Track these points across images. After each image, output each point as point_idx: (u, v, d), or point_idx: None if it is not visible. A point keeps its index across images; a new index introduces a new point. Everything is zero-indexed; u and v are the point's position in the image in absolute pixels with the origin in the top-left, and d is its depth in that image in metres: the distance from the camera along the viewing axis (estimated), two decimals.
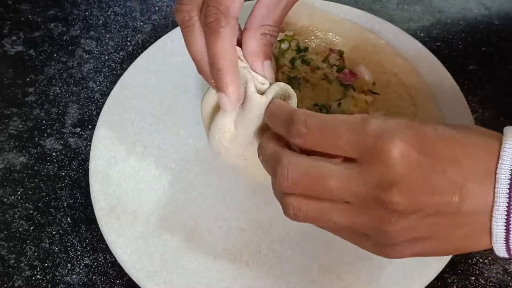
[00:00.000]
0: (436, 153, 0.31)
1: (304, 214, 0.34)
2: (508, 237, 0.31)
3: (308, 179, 0.33)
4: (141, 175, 0.49)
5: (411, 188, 0.31)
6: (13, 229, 0.49)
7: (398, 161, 0.31)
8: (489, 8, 0.62)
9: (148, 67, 0.55)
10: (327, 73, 0.49)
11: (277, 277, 0.44)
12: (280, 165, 0.34)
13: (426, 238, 0.33)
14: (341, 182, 0.32)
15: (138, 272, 0.44)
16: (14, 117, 0.55)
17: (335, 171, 0.32)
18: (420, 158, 0.31)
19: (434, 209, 0.31)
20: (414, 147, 0.31)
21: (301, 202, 0.34)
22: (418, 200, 0.31)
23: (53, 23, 0.62)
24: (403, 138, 0.31)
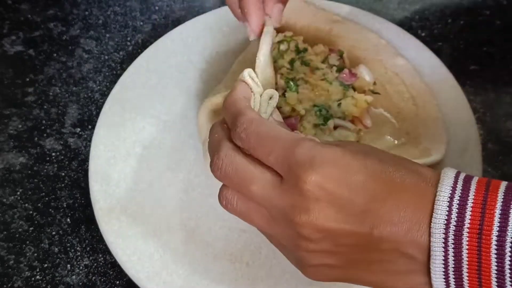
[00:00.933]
0: (357, 187, 0.31)
1: (233, 208, 0.36)
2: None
3: (236, 178, 0.34)
4: (141, 175, 0.49)
5: (321, 217, 0.31)
6: (12, 229, 0.49)
7: (312, 193, 0.31)
8: (490, 8, 0.62)
9: (148, 67, 0.55)
10: (326, 74, 0.49)
11: (278, 278, 0.44)
12: (218, 154, 0.35)
13: (344, 267, 0.33)
14: (262, 191, 0.34)
15: (138, 273, 0.44)
16: (14, 117, 0.55)
17: (260, 179, 0.34)
18: (336, 192, 0.31)
19: (347, 237, 0.32)
20: (333, 182, 0.31)
21: (233, 196, 0.35)
22: (325, 228, 0.32)
23: (52, 23, 0.61)
24: (323, 173, 0.31)
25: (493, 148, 0.53)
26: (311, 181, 0.31)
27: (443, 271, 0.30)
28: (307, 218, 0.32)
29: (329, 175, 0.31)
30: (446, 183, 0.31)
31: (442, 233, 0.30)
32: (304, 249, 0.33)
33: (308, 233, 0.32)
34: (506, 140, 0.53)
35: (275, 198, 0.33)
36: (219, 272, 0.44)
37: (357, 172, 0.32)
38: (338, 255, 0.33)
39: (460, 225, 0.30)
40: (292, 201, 0.32)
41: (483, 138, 0.53)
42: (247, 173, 0.34)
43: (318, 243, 0.32)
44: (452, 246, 0.30)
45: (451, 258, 0.30)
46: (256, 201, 0.34)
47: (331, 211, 0.31)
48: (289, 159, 0.32)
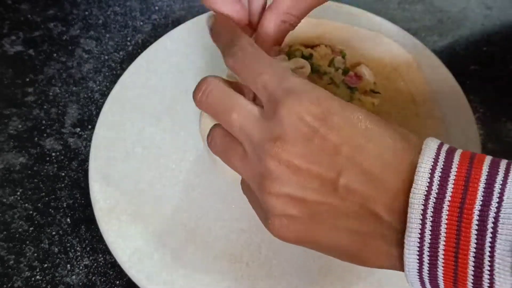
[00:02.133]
0: (334, 129, 0.31)
1: (215, 145, 0.36)
2: (422, 269, 0.29)
3: (220, 105, 0.35)
4: (141, 175, 0.49)
5: (292, 150, 0.31)
6: (12, 229, 0.49)
7: (289, 122, 0.31)
8: (490, 8, 0.62)
9: (148, 67, 0.55)
10: (333, 77, 0.49)
11: (278, 278, 0.44)
12: (204, 79, 0.36)
13: (308, 219, 0.32)
14: (242, 120, 0.33)
15: (138, 273, 0.44)
16: (14, 117, 0.55)
17: (242, 108, 0.34)
18: (313, 126, 0.31)
19: (314, 182, 0.31)
20: (313, 116, 0.31)
21: (216, 133, 0.36)
22: (294, 163, 0.31)
23: (52, 23, 0.61)
24: (305, 104, 0.31)
25: (493, 148, 0.53)
26: (291, 111, 0.31)
27: (418, 245, 0.28)
28: (278, 148, 0.31)
29: (309, 109, 0.31)
30: (428, 153, 0.29)
31: (421, 205, 0.28)
32: (268, 190, 0.32)
33: (275, 166, 0.31)
34: (506, 140, 0.53)
35: (252, 128, 0.33)
36: (219, 272, 0.44)
37: (337, 113, 0.31)
38: (302, 203, 0.31)
39: (440, 197, 0.28)
40: (269, 130, 0.32)
41: (483, 138, 0.53)
42: (231, 101, 0.34)
43: (282, 183, 0.31)
44: (430, 219, 0.28)
45: (428, 233, 0.28)
46: (235, 133, 0.34)
47: (302, 146, 0.31)
48: (275, 86, 0.32)
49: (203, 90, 0.35)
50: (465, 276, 0.28)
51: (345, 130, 0.31)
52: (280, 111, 0.31)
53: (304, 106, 0.31)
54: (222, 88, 0.35)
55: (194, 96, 0.36)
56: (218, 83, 0.35)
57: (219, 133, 0.36)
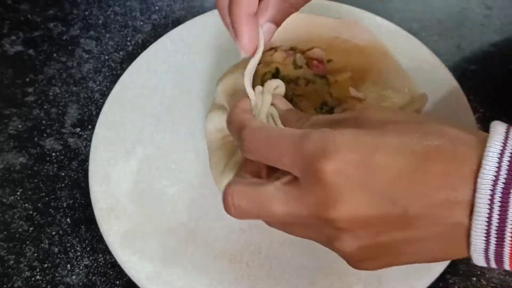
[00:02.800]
0: (380, 167, 0.30)
1: (273, 225, 0.36)
2: (488, 249, 0.29)
3: (254, 208, 0.33)
4: (141, 175, 0.49)
5: (349, 206, 0.30)
6: (12, 229, 0.49)
7: (332, 181, 0.30)
8: (490, 8, 0.62)
9: (148, 67, 0.55)
10: (305, 76, 0.49)
11: (278, 278, 0.44)
12: (225, 194, 0.34)
13: (389, 253, 0.32)
14: (283, 207, 0.32)
15: (138, 273, 0.44)
16: (14, 117, 0.55)
17: (277, 195, 0.32)
18: (358, 174, 0.30)
19: (384, 225, 0.30)
20: (352, 164, 0.30)
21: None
22: (358, 216, 0.30)
23: (52, 23, 0.61)
24: (339, 157, 0.30)
25: None
26: (329, 170, 0.30)
27: (485, 230, 0.28)
28: (335, 211, 0.30)
29: (347, 160, 0.30)
30: (496, 137, 0.29)
31: (489, 190, 0.28)
32: (343, 245, 0.32)
33: (341, 226, 0.30)
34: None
35: (298, 207, 0.32)
36: (219, 272, 0.44)
37: (375, 151, 0.30)
38: (379, 245, 0.31)
39: (509, 182, 0.28)
40: (315, 200, 0.31)
41: None
42: (261, 196, 0.33)
43: (354, 236, 0.31)
44: (498, 204, 0.28)
45: (495, 217, 0.28)
46: (286, 221, 0.33)
47: (358, 198, 0.30)
48: (301, 157, 0.31)
49: (233, 204, 0.34)
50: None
51: (391, 163, 0.30)
52: (318, 177, 0.30)
53: (338, 160, 0.30)
54: (247, 191, 0.33)
55: (229, 213, 0.34)
56: (240, 190, 0.34)
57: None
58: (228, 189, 0.34)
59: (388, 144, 0.30)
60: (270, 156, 0.33)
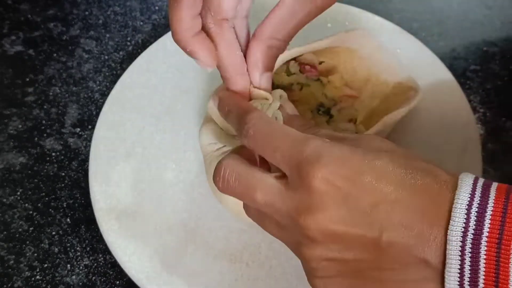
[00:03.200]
0: (366, 188, 0.30)
1: (250, 215, 0.36)
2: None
3: (239, 187, 0.34)
4: (141, 175, 0.49)
5: (327, 217, 0.30)
6: (12, 229, 0.49)
7: (318, 188, 0.30)
8: (490, 8, 0.62)
9: (148, 67, 0.55)
10: (299, 81, 0.49)
11: (278, 278, 0.44)
12: (219, 163, 0.35)
13: (353, 275, 0.32)
14: (266, 197, 0.33)
15: (138, 273, 0.44)
16: (14, 117, 0.55)
17: (264, 185, 0.33)
18: (344, 188, 0.30)
19: (355, 243, 0.31)
20: (341, 179, 0.30)
21: (246, 206, 0.36)
22: (333, 229, 0.30)
23: (52, 23, 0.61)
24: (331, 168, 0.30)
25: (493, 148, 0.53)
26: (318, 177, 0.30)
27: (458, 281, 0.29)
28: (312, 218, 0.31)
29: (337, 172, 0.30)
30: (464, 189, 0.29)
31: (459, 241, 0.28)
32: (310, 256, 0.32)
33: (313, 235, 0.31)
34: (506, 140, 0.53)
35: (280, 202, 0.32)
36: (219, 272, 0.44)
37: (366, 172, 0.30)
38: (345, 264, 0.32)
39: (478, 233, 0.28)
40: (297, 201, 0.31)
41: (483, 138, 0.53)
42: (250, 180, 0.33)
43: (324, 248, 0.31)
44: (469, 256, 0.28)
45: (467, 268, 0.29)
46: (263, 210, 0.34)
47: (338, 211, 0.30)
48: (296, 156, 0.31)
49: (222, 177, 0.34)
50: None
51: (378, 187, 0.30)
52: (307, 180, 0.31)
53: (330, 170, 0.30)
54: (239, 170, 0.34)
55: (215, 184, 0.35)
56: (234, 165, 0.34)
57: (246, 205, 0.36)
58: (223, 160, 0.35)
59: (380, 168, 0.31)
60: (265, 147, 0.33)
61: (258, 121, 0.34)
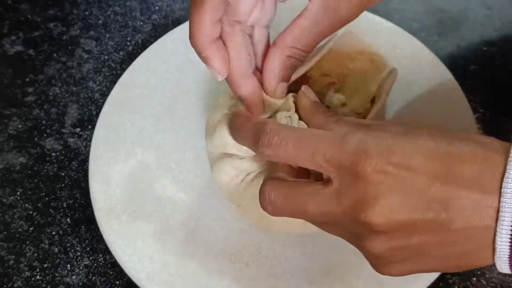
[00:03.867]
0: (417, 169, 0.30)
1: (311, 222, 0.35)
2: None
3: (288, 206, 0.33)
4: (141, 175, 0.49)
5: (387, 207, 0.30)
6: (12, 229, 0.49)
7: (373, 179, 0.30)
8: (490, 8, 0.62)
9: (148, 67, 0.55)
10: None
11: (278, 278, 0.44)
12: (261, 191, 0.34)
13: (417, 256, 0.32)
14: (319, 207, 0.32)
15: (138, 273, 0.44)
16: (14, 117, 0.55)
17: (313, 195, 0.32)
18: (398, 175, 0.30)
19: (418, 227, 0.31)
20: (391, 164, 0.30)
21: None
22: (395, 219, 0.30)
23: (52, 23, 0.61)
24: (380, 155, 0.30)
25: None
26: (371, 170, 0.30)
27: (510, 235, 0.29)
28: (372, 213, 0.30)
29: (387, 160, 0.30)
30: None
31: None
32: (374, 248, 0.32)
33: (377, 229, 0.31)
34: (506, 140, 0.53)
35: (334, 207, 0.32)
36: (219, 272, 0.44)
37: (413, 154, 0.30)
38: (410, 248, 0.31)
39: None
40: (352, 200, 0.31)
41: None
42: (298, 196, 0.33)
43: (388, 239, 0.31)
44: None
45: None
46: (318, 220, 0.33)
47: (396, 199, 0.30)
48: (340, 155, 0.31)
49: (269, 202, 0.34)
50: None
51: (429, 165, 0.30)
52: (360, 174, 0.30)
53: (380, 160, 0.30)
54: (283, 189, 0.33)
55: (265, 210, 0.34)
56: (276, 187, 0.34)
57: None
58: (265, 185, 0.34)
59: (423, 147, 0.31)
60: (300, 154, 0.32)
61: (279, 129, 0.33)
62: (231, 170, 0.42)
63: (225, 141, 0.40)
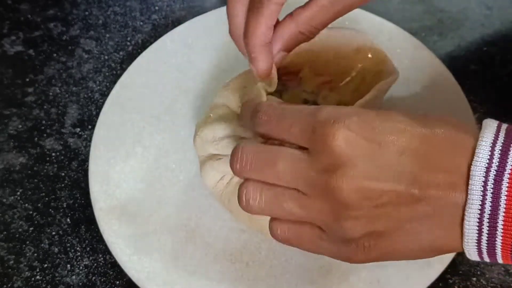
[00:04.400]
0: (389, 144, 0.31)
1: (256, 202, 0.34)
2: (480, 240, 0.30)
3: (259, 161, 0.34)
4: (141, 175, 0.49)
5: (356, 174, 0.31)
6: (12, 229, 0.49)
7: (343, 147, 0.31)
8: (490, 8, 0.62)
9: (148, 67, 0.55)
10: (276, 90, 0.48)
11: (278, 278, 0.44)
12: (235, 149, 0.35)
13: (384, 232, 0.32)
14: (289, 165, 0.33)
15: (138, 273, 0.44)
16: (14, 117, 0.55)
17: (285, 155, 0.33)
18: (368, 145, 0.31)
19: (385, 198, 0.31)
20: (361, 134, 0.31)
21: (255, 188, 0.34)
22: (363, 186, 0.31)
23: (52, 23, 0.61)
24: (350, 125, 0.31)
25: None
26: (340, 134, 0.31)
27: (478, 217, 0.29)
28: (342, 179, 0.30)
29: (358, 127, 0.31)
30: (489, 130, 0.31)
31: (482, 177, 0.29)
32: (345, 217, 0.31)
33: (346, 196, 0.31)
34: None
35: (305, 170, 0.32)
36: (219, 272, 0.44)
37: (384, 129, 0.31)
38: (381, 218, 0.31)
39: (501, 170, 0.29)
40: (323, 165, 0.31)
41: None
42: (271, 153, 0.33)
43: (358, 207, 0.31)
44: (490, 191, 0.29)
45: (488, 205, 0.29)
46: (282, 182, 0.33)
47: (365, 167, 0.31)
48: (312, 125, 0.32)
49: (239, 158, 0.34)
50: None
51: (398, 139, 0.31)
52: (329, 141, 0.31)
53: (351, 127, 0.31)
54: (256, 148, 0.34)
55: (232, 167, 0.35)
56: (250, 146, 0.34)
57: (257, 188, 0.34)
58: (239, 145, 0.35)
59: (396, 125, 0.31)
60: (280, 126, 0.34)
61: (268, 107, 0.35)
62: (215, 173, 0.43)
63: (205, 140, 0.42)
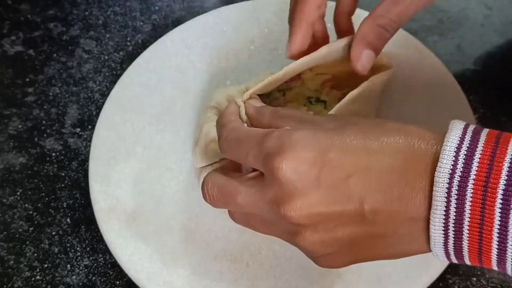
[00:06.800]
0: (333, 163, 0.31)
1: (238, 221, 0.38)
2: (447, 243, 0.30)
3: (222, 197, 0.35)
4: (141, 175, 0.49)
5: (305, 202, 0.31)
6: (12, 229, 0.49)
7: (290, 178, 0.31)
8: (490, 8, 0.62)
9: (148, 67, 0.55)
10: (279, 89, 0.48)
11: (278, 278, 0.44)
12: (203, 183, 0.36)
13: (350, 248, 0.33)
14: (247, 198, 0.34)
15: (138, 273, 0.44)
16: (14, 117, 0.55)
17: (242, 188, 0.34)
18: (313, 170, 0.31)
19: (342, 219, 0.31)
20: (307, 161, 0.31)
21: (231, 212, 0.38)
22: (314, 212, 0.31)
23: (52, 23, 0.61)
24: (294, 155, 0.31)
25: None
26: (283, 167, 0.31)
27: (443, 223, 0.29)
28: (291, 207, 0.31)
29: (301, 157, 0.31)
30: (454, 133, 0.30)
31: (446, 183, 0.29)
32: (303, 240, 0.33)
33: (298, 222, 0.31)
34: None
35: (260, 200, 0.33)
36: (219, 272, 0.44)
37: (330, 149, 0.31)
38: (338, 241, 0.32)
39: (465, 176, 0.28)
40: (273, 194, 0.32)
41: None
42: (229, 188, 0.35)
43: (312, 232, 0.32)
44: (455, 197, 0.28)
45: (453, 210, 0.29)
46: (246, 210, 0.35)
47: (313, 194, 0.31)
48: (261, 155, 0.32)
49: (206, 191, 0.36)
50: (489, 249, 0.29)
51: (345, 160, 0.31)
52: (275, 173, 0.31)
53: (293, 157, 0.31)
54: (219, 181, 0.36)
55: (205, 199, 0.37)
56: (214, 179, 0.36)
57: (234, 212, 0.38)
58: (205, 178, 0.36)
59: (342, 142, 0.31)
60: (239, 154, 0.35)
61: (228, 133, 0.36)
62: (202, 155, 0.43)
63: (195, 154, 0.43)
